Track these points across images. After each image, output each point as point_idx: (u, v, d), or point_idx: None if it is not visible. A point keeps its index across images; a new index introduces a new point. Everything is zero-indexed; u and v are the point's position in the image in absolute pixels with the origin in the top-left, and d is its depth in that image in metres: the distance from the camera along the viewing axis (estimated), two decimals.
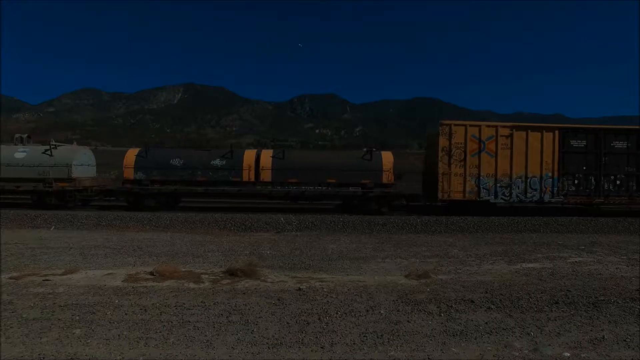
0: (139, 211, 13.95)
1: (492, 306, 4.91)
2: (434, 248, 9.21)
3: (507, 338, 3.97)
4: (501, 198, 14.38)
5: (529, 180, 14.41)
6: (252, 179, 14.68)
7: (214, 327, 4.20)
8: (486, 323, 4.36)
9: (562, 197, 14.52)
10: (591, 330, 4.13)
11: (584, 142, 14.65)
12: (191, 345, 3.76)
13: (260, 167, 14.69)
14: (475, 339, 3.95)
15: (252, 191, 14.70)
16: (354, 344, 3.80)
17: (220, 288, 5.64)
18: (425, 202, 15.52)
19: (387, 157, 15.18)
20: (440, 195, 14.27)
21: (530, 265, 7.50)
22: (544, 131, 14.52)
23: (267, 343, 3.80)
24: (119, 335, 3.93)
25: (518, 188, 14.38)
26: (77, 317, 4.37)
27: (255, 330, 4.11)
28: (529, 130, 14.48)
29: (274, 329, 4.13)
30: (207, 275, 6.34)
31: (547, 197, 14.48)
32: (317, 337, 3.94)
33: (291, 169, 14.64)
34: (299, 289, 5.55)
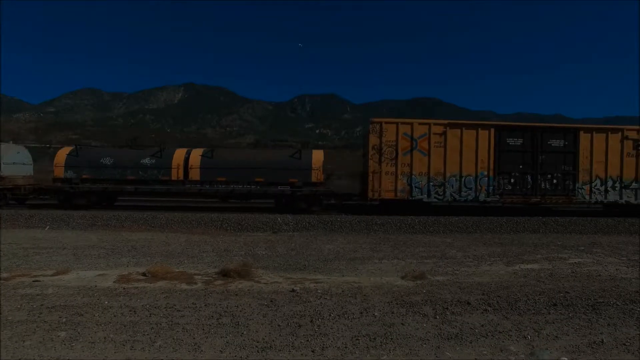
0: (70, 210, 14.06)
1: (489, 308, 4.81)
2: (431, 248, 9.11)
3: (503, 341, 3.87)
4: (434, 197, 14.11)
5: (463, 179, 14.18)
6: (181, 177, 14.79)
7: (203, 329, 4.10)
8: (482, 326, 4.25)
9: (498, 196, 14.31)
10: (590, 334, 4.03)
11: (521, 140, 14.42)
12: (178, 349, 3.67)
13: (189, 166, 14.78)
14: (470, 342, 3.85)
15: (181, 190, 14.81)
16: (345, 347, 3.70)
17: (213, 289, 5.54)
18: (358, 201, 15.34)
19: (317, 156, 15.13)
20: (370, 194, 14.02)
21: (529, 266, 7.40)
22: (479, 129, 14.30)
23: (256, 346, 3.70)
24: (104, 338, 3.84)
25: (452, 187, 14.15)
26: (64, 319, 4.27)
27: (245, 332, 4.01)
28: (464, 128, 14.24)
29: (264, 332, 4.03)
30: (200, 276, 6.24)
31: (482, 196, 14.24)
32: (308, 341, 3.84)
33: (220, 168, 14.69)
34: (293, 290, 5.45)
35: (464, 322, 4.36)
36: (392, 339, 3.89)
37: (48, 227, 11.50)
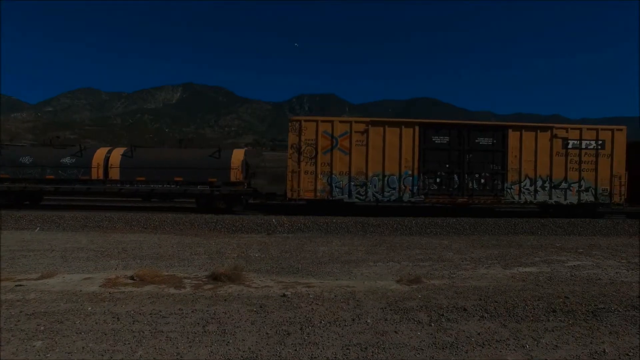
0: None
1: (486, 315, 4.64)
2: (428, 251, 8.94)
3: (500, 351, 3.70)
4: (356, 197, 13.73)
5: (386, 178, 13.78)
6: (101, 176, 14.68)
7: (188, 337, 3.93)
8: (478, 334, 4.09)
9: (422, 196, 13.92)
10: (591, 343, 3.86)
11: (447, 139, 14.00)
12: (159, 359, 3.49)
13: (109, 166, 14.67)
14: (466, 352, 3.68)
15: (101, 189, 14.73)
16: (335, 357, 3.53)
17: (202, 294, 5.36)
18: (283, 201, 15.12)
19: (237, 155, 14.96)
20: (289, 194, 13.69)
21: (527, 269, 7.24)
22: (403, 127, 13.89)
23: (241, 356, 3.53)
24: (83, 348, 3.65)
25: (375, 187, 13.75)
26: (42, 327, 4.09)
27: (231, 341, 3.84)
28: (387, 126, 13.86)
29: (251, 341, 3.85)
30: (189, 280, 6.06)
31: (406, 197, 13.85)
32: (296, 350, 3.67)
33: (139, 167, 14.55)
34: (284, 295, 5.28)
35: (460, 330, 4.19)
36: (384, 348, 3.72)
37: (38, 228, 11.29)
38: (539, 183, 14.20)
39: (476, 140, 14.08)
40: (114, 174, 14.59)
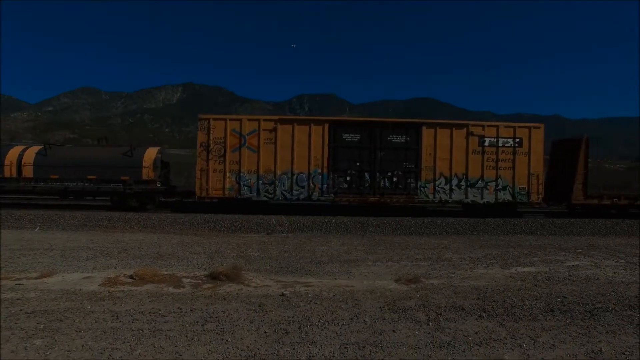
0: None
1: (484, 314, 4.66)
2: (427, 251, 8.96)
3: (497, 350, 3.72)
4: (264, 196, 13.66)
5: (295, 176, 13.65)
6: (14, 175, 14.74)
7: (187, 336, 3.94)
8: (476, 333, 4.10)
9: (332, 195, 13.77)
10: (588, 342, 3.88)
11: (358, 136, 13.78)
12: (158, 357, 3.50)
13: (23, 164, 14.74)
14: (463, 351, 3.70)
15: (15, 187, 14.78)
16: (332, 356, 3.54)
17: (200, 293, 5.38)
18: (195, 199, 14.93)
19: (150, 154, 14.98)
20: (198, 192, 13.64)
21: (526, 269, 7.26)
22: (312, 124, 13.73)
23: (239, 355, 3.54)
24: (82, 346, 3.67)
25: (283, 185, 13.65)
26: (42, 326, 4.10)
27: (229, 340, 3.85)
28: (295, 124, 13.75)
29: (250, 339, 3.87)
30: (188, 279, 6.08)
31: (315, 195, 13.70)
32: (294, 349, 3.68)
33: (53, 166, 14.61)
34: (283, 295, 5.30)
35: (458, 329, 4.21)
36: (381, 347, 3.74)
37: (38, 227, 11.31)
38: (455, 182, 13.93)
39: (388, 138, 13.85)
40: (27, 172, 14.70)
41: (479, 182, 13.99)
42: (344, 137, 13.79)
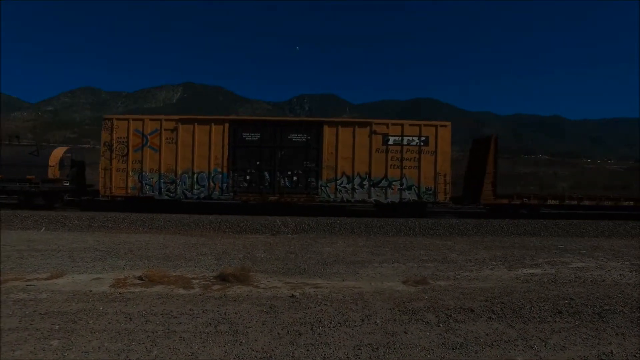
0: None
1: (493, 316, 4.70)
2: (432, 252, 9.01)
3: (509, 352, 3.76)
4: (166, 195, 13.79)
5: (196, 176, 13.78)
6: None
7: (201, 337, 3.99)
8: (487, 334, 4.15)
9: (231, 194, 13.84)
10: (598, 344, 3.92)
11: (258, 136, 13.82)
12: (175, 359, 3.55)
13: None
14: (475, 352, 3.74)
15: None
16: (347, 358, 3.59)
17: (211, 294, 5.42)
18: (101, 197, 14.97)
19: (56, 154, 15.03)
20: (102, 191, 13.86)
21: (532, 270, 7.30)
22: (213, 124, 13.82)
23: (255, 356, 3.59)
24: (99, 347, 3.71)
25: (184, 184, 13.76)
26: (57, 327, 4.15)
27: (244, 341, 3.90)
28: (196, 124, 13.84)
29: (264, 341, 3.91)
30: (197, 280, 6.12)
31: (216, 194, 13.82)
32: (308, 350, 3.73)
33: None
34: (292, 296, 5.34)
35: (468, 330, 4.25)
36: (395, 348, 3.78)
37: (44, 228, 11.35)
38: (357, 181, 13.78)
39: (289, 137, 13.83)
40: None
41: (383, 182, 13.82)
42: (244, 137, 13.88)
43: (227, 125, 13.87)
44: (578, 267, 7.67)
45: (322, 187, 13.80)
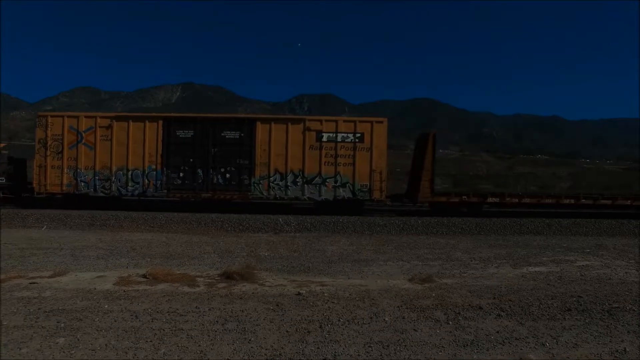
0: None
1: (502, 313, 4.66)
2: (436, 250, 8.97)
3: (521, 349, 3.72)
4: (101, 191, 13.84)
5: (130, 173, 13.80)
6: None
7: (209, 335, 3.94)
8: (497, 332, 4.11)
9: (165, 191, 13.89)
10: (610, 342, 3.88)
11: (192, 133, 13.80)
12: (184, 357, 3.50)
13: None
14: (487, 349, 3.70)
15: None
16: (358, 355, 3.54)
17: (216, 292, 5.37)
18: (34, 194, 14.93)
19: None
20: (37, 188, 13.86)
21: (537, 268, 7.27)
22: (147, 121, 13.88)
23: (265, 354, 3.54)
24: (106, 345, 3.66)
25: (119, 181, 13.81)
26: (63, 325, 4.09)
27: (252, 339, 3.85)
28: (131, 121, 13.88)
29: (273, 338, 3.87)
30: (202, 279, 6.08)
31: (150, 191, 13.87)
32: (318, 348, 3.68)
33: None
34: (299, 294, 5.29)
35: (478, 328, 4.21)
36: (405, 345, 3.74)
37: (45, 226, 11.30)
38: (291, 178, 13.72)
39: (222, 134, 13.81)
40: None
41: (317, 179, 13.71)
42: (177, 134, 13.88)
43: (160, 122, 13.94)
44: (583, 265, 7.63)
45: (255, 184, 13.79)
